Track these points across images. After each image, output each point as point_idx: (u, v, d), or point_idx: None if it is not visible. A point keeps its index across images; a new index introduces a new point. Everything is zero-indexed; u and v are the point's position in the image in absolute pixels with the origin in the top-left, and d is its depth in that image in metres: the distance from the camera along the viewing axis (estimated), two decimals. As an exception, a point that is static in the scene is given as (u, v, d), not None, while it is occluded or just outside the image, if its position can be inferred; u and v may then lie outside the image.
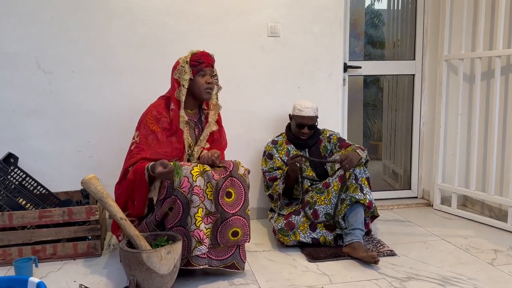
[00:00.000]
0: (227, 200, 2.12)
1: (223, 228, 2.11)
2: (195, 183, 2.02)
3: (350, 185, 2.49)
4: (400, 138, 3.79)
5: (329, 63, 3.13)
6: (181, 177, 1.99)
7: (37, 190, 2.63)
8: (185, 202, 2.03)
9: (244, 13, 2.97)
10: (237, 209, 2.13)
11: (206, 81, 2.24)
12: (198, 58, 2.22)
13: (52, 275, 2.24)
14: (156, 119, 2.20)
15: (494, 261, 2.36)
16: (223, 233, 2.11)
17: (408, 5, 3.58)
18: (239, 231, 2.13)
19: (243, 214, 2.15)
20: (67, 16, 2.74)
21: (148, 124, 2.19)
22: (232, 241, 2.13)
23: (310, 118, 2.69)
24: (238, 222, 2.12)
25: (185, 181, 2.02)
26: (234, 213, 2.12)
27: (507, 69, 2.94)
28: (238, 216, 2.13)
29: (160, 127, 2.19)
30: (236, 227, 2.12)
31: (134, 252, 1.83)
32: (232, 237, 2.12)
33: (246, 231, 2.15)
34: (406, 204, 3.45)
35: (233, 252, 2.16)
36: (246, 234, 2.16)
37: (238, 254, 2.17)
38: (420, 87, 3.49)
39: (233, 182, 2.14)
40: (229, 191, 2.13)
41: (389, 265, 2.31)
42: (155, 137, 2.17)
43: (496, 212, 3.07)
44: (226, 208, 2.10)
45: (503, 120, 2.97)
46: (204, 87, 2.24)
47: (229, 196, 2.12)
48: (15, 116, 2.75)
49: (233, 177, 2.14)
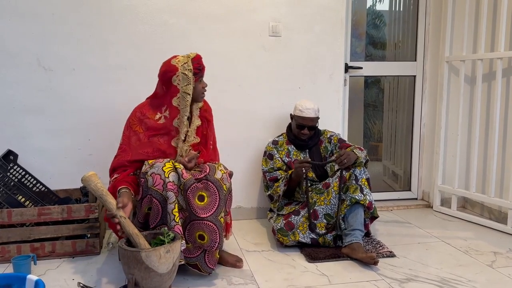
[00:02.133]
0: (199, 203, 2.07)
1: (190, 228, 2.07)
2: (168, 179, 2.02)
3: (350, 185, 2.49)
4: (401, 139, 3.78)
5: (330, 63, 3.13)
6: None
7: (36, 187, 2.63)
8: (161, 199, 2.03)
9: (245, 12, 2.96)
10: (208, 214, 2.06)
11: (203, 86, 2.29)
12: (199, 66, 2.23)
13: (51, 273, 2.23)
14: (139, 120, 2.24)
15: (493, 263, 2.36)
16: (190, 232, 2.08)
17: (410, 6, 3.58)
18: (205, 236, 2.07)
19: (214, 220, 2.07)
20: (68, 14, 2.74)
21: (131, 125, 2.24)
22: (199, 243, 2.08)
23: (311, 119, 2.68)
24: (206, 227, 2.05)
25: (158, 178, 2.02)
26: (204, 218, 2.06)
27: (509, 71, 2.93)
28: (208, 222, 2.06)
29: (143, 128, 2.22)
30: (202, 231, 2.06)
31: (133, 250, 1.83)
32: (198, 239, 2.08)
33: (215, 237, 2.07)
34: (406, 205, 3.45)
35: (198, 254, 2.11)
36: (214, 240, 2.07)
37: (202, 258, 2.11)
38: (421, 88, 3.48)
39: (208, 186, 2.09)
40: (201, 194, 2.08)
41: (388, 266, 2.31)
42: (137, 138, 2.21)
43: (496, 214, 3.07)
44: (195, 211, 2.05)
45: (503, 122, 2.96)
46: (201, 92, 2.30)
47: (201, 199, 2.08)
48: (15, 113, 2.75)
49: (208, 181, 2.10)
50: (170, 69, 2.20)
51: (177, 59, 2.22)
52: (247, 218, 3.12)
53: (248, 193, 3.12)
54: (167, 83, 2.22)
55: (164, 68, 2.23)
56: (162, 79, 2.24)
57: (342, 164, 2.45)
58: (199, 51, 2.90)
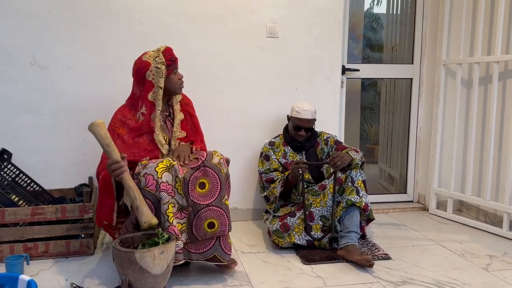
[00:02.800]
0: (200, 191, 2.06)
1: (197, 221, 2.05)
2: (161, 180, 2.01)
3: (346, 187, 2.48)
4: (397, 141, 3.79)
5: (328, 65, 3.13)
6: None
7: (31, 186, 2.61)
8: (155, 200, 2.02)
9: (243, 13, 2.96)
10: (212, 200, 2.07)
11: (179, 78, 2.30)
12: (171, 57, 2.23)
13: (44, 273, 2.21)
14: (121, 122, 2.23)
15: (489, 266, 2.36)
16: (198, 226, 2.05)
17: (407, 9, 3.59)
18: (215, 222, 2.06)
19: (219, 204, 2.08)
20: (65, 12, 2.72)
21: (113, 129, 2.22)
22: (210, 233, 2.06)
23: (308, 121, 2.68)
24: (213, 213, 2.06)
25: (150, 179, 2.01)
26: (209, 204, 2.05)
27: (505, 74, 2.94)
28: (213, 207, 2.06)
29: (126, 129, 2.21)
30: (211, 218, 2.05)
31: (127, 251, 1.81)
32: (208, 229, 2.06)
33: (224, 221, 2.08)
34: (401, 208, 3.45)
35: (213, 244, 2.10)
36: (224, 224, 2.07)
37: (219, 246, 2.10)
38: (418, 91, 3.49)
39: (206, 172, 2.08)
40: (202, 182, 2.07)
41: (383, 269, 2.30)
42: (122, 141, 2.19)
43: (491, 218, 3.07)
44: (198, 200, 2.05)
45: (500, 126, 2.97)
46: (179, 84, 2.31)
47: (202, 187, 2.07)
48: (9, 112, 2.73)
49: (206, 167, 2.08)
50: (143, 66, 2.20)
51: (148, 55, 2.23)
52: (242, 219, 3.11)
53: (244, 195, 3.11)
54: (141, 80, 2.22)
55: (136, 66, 2.23)
56: (136, 78, 2.25)
57: (336, 166, 2.45)
58: (196, 51, 2.92)
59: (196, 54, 2.91)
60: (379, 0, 3.92)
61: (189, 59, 2.81)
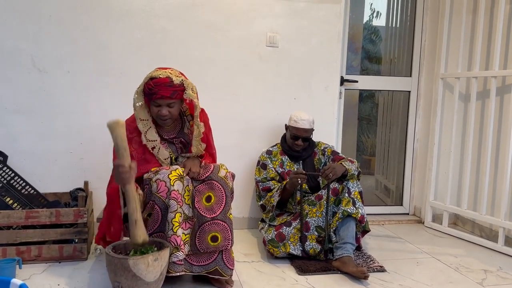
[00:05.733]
0: (206, 204, 2.06)
1: (201, 233, 2.04)
2: (173, 187, 1.98)
3: (342, 198, 2.48)
4: (394, 154, 3.79)
5: (326, 75, 3.14)
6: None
7: (25, 190, 2.59)
8: (163, 207, 2.00)
9: (243, 22, 2.97)
10: (217, 213, 2.06)
11: (158, 112, 2.10)
12: (151, 88, 2.04)
13: (36, 278, 2.19)
14: (128, 139, 2.10)
15: (483, 281, 2.35)
16: (202, 238, 2.04)
17: (407, 22, 3.62)
18: (219, 236, 2.06)
19: (224, 218, 2.07)
20: (65, 16, 2.73)
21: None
22: (212, 246, 2.05)
23: (305, 131, 2.68)
24: (217, 227, 2.05)
25: (162, 185, 1.98)
26: (214, 218, 2.05)
27: (502, 89, 2.96)
28: (218, 221, 2.06)
29: (134, 146, 2.13)
30: (214, 232, 2.05)
31: (120, 257, 1.80)
32: (211, 242, 2.05)
33: (227, 235, 2.07)
34: (397, 220, 3.44)
35: (215, 258, 2.09)
36: (227, 239, 2.07)
37: (221, 260, 2.09)
38: (415, 104, 3.50)
39: (212, 185, 2.08)
40: (209, 195, 2.07)
41: (378, 281, 2.29)
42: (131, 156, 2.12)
43: (487, 232, 3.07)
44: (204, 213, 2.04)
45: (496, 140, 2.98)
46: (158, 118, 2.13)
47: (208, 200, 2.07)
48: (6, 114, 2.72)
49: (212, 180, 2.08)
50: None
51: (147, 75, 2.12)
52: (238, 228, 3.09)
53: (240, 203, 3.10)
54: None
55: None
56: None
57: (328, 178, 2.44)
58: (195, 58, 2.93)
59: (195, 62, 2.92)
60: (379, 13, 3.96)
61: (188, 66, 2.81)
